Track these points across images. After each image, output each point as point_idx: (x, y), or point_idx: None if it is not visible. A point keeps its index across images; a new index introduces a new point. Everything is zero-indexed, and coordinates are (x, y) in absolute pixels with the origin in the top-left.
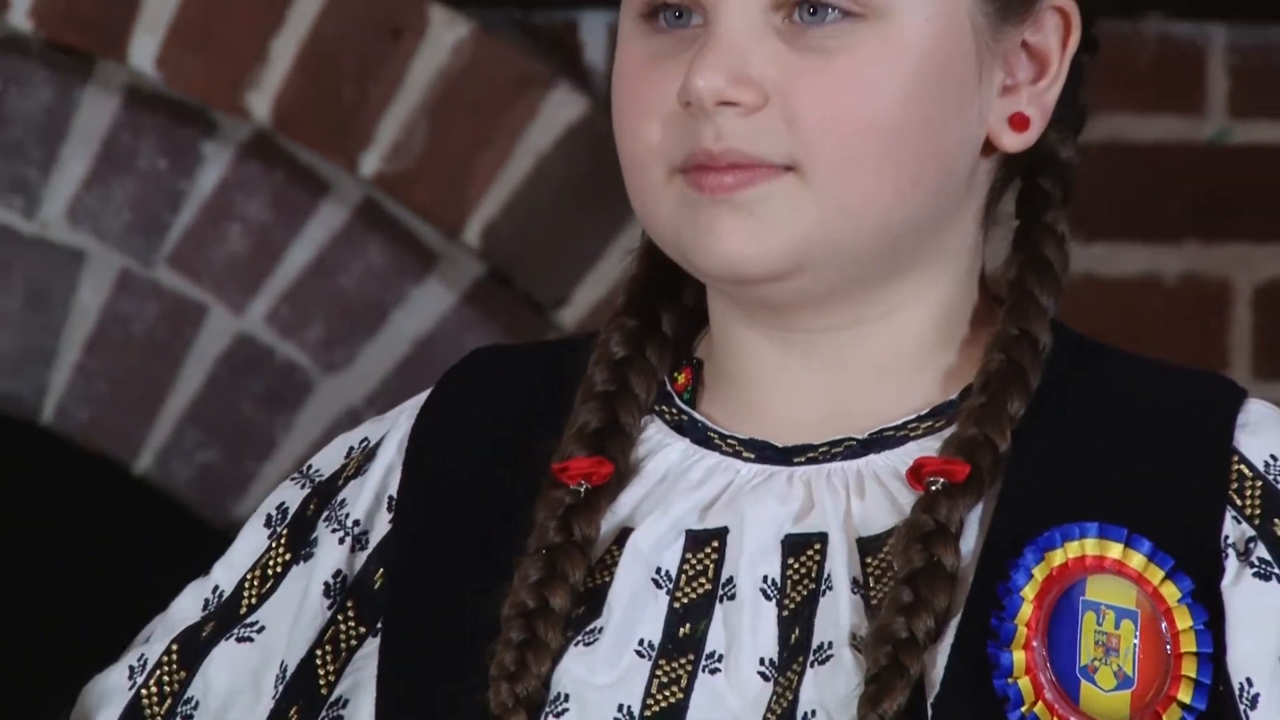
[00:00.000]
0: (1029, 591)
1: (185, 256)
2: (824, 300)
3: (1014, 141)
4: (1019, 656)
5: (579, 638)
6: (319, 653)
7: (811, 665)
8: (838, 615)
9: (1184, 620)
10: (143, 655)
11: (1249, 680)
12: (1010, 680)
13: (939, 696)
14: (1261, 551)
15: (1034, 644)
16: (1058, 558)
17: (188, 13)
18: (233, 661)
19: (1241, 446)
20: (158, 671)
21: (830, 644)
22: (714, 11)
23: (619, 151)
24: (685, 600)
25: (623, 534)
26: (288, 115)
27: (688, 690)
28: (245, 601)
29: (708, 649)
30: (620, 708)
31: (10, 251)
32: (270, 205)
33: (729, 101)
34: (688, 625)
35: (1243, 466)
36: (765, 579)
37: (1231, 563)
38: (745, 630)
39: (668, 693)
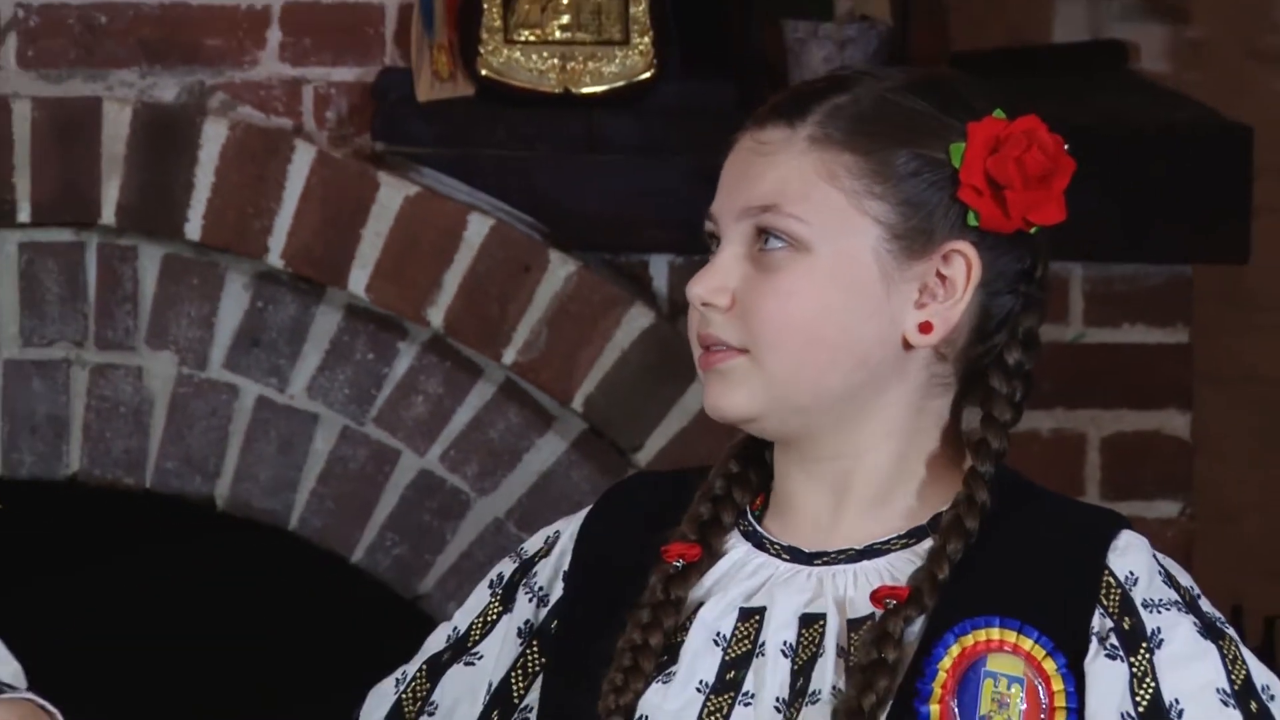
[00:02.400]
0: (945, 664)
1: (386, 417)
2: (802, 438)
3: (919, 340)
4: (934, 709)
5: (660, 676)
6: (513, 675)
7: (807, 704)
8: (826, 672)
9: (1058, 684)
10: (404, 670)
11: None
12: None
13: None
14: (1113, 639)
15: (947, 700)
16: (969, 640)
17: (386, 255)
18: (460, 679)
19: (1111, 564)
20: (412, 683)
21: (819, 691)
22: (721, 242)
23: None
24: (732, 656)
25: (697, 607)
26: (454, 324)
27: (727, 716)
28: (472, 638)
29: (744, 689)
30: None
31: (269, 414)
32: (442, 383)
33: (709, 304)
34: (732, 672)
35: (1110, 578)
36: (785, 643)
37: (1094, 646)
38: (768, 678)
39: (714, 718)
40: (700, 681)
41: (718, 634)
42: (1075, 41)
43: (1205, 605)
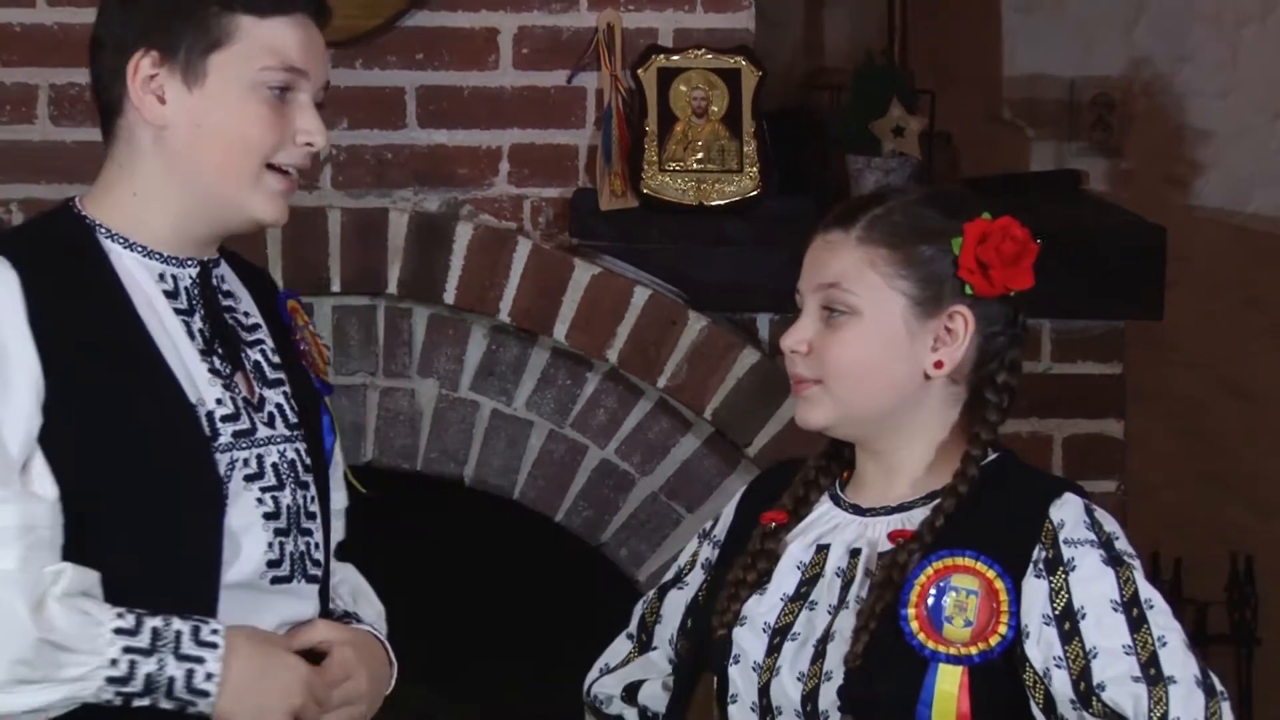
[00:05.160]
0: (920, 580)
1: (578, 423)
2: (862, 438)
3: (935, 373)
4: (911, 611)
5: (755, 592)
6: (699, 593)
7: (843, 609)
8: (857, 587)
9: (1003, 596)
10: (649, 593)
11: (1026, 626)
12: (907, 622)
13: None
14: (1041, 565)
15: (920, 605)
16: (939, 565)
17: (579, 314)
18: (676, 597)
19: (1050, 514)
20: (650, 600)
21: (852, 600)
22: (803, 308)
23: None
24: (807, 576)
25: (788, 547)
26: (625, 360)
27: (796, 616)
28: (683, 571)
29: (810, 599)
30: (765, 624)
31: (499, 421)
32: (616, 400)
33: (795, 350)
34: (805, 588)
35: (1049, 524)
36: (838, 568)
37: (1030, 569)
38: (825, 591)
39: (789, 617)
40: (783, 593)
41: (800, 562)
42: (1046, 170)
43: (1119, 545)
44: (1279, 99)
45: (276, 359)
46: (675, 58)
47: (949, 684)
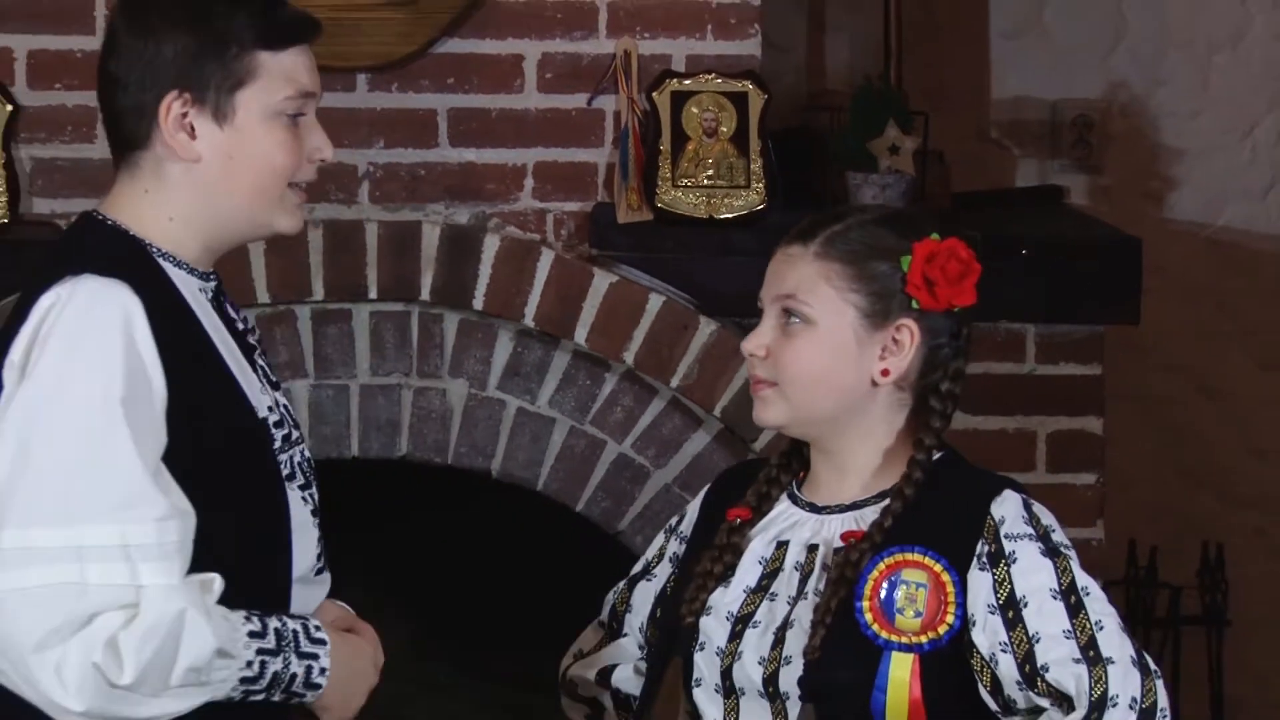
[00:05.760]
0: (873, 575)
1: (597, 420)
2: (816, 438)
3: (881, 380)
4: (865, 604)
5: (721, 585)
6: (668, 585)
7: (802, 600)
8: (815, 580)
9: (950, 589)
10: (619, 585)
11: (973, 615)
12: (862, 614)
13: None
14: (984, 558)
15: (874, 598)
16: (890, 560)
17: (598, 319)
18: (645, 589)
19: (992, 510)
20: (621, 591)
21: (810, 593)
22: (763, 315)
23: None
24: (768, 570)
25: (753, 540)
26: (640, 362)
27: (757, 606)
28: (650, 564)
29: (771, 590)
30: (728, 613)
31: (524, 418)
32: (632, 399)
33: (753, 354)
34: (766, 580)
35: (990, 520)
36: (796, 563)
37: (974, 563)
38: (784, 584)
39: (750, 607)
40: (745, 585)
41: (761, 557)
42: (1031, 186)
43: (1055, 537)
44: (1247, 120)
45: (269, 362)
46: (687, 82)
47: (901, 670)
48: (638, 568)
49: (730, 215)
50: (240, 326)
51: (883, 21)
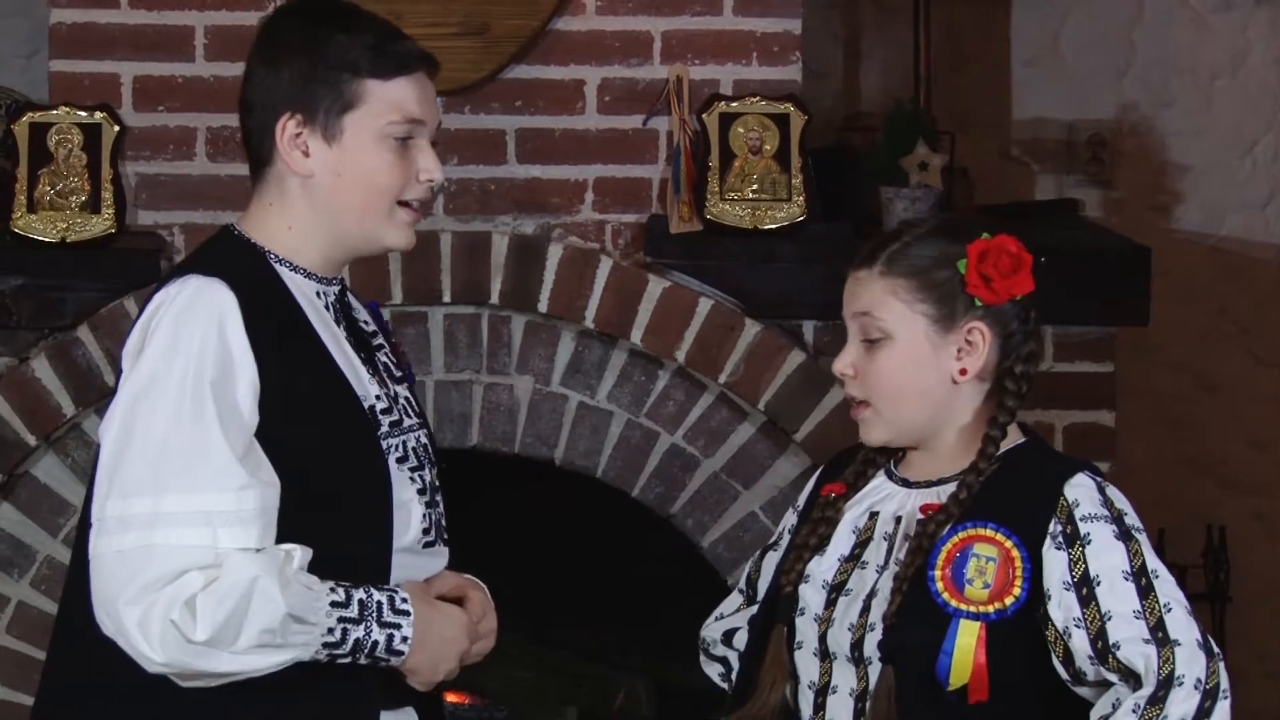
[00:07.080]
0: (947, 547)
1: (652, 413)
2: (918, 444)
3: (960, 379)
4: (938, 573)
5: (816, 554)
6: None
7: (888, 568)
8: (897, 550)
9: (1019, 564)
10: (755, 555)
11: (1048, 590)
12: (934, 581)
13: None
14: (1060, 538)
15: (945, 568)
16: (963, 535)
17: (653, 321)
18: (772, 558)
19: (1065, 492)
20: (753, 561)
21: (893, 562)
22: (849, 334)
23: None
24: (860, 540)
25: (845, 514)
26: (691, 360)
27: (850, 575)
28: (781, 534)
29: (862, 559)
30: (824, 582)
31: (585, 411)
32: (684, 394)
33: (844, 374)
34: (858, 549)
35: (1064, 500)
36: (885, 533)
37: (1048, 541)
38: (874, 553)
39: (843, 575)
40: (840, 554)
41: (855, 527)
42: (1048, 199)
43: (1128, 520)
44: (1246, 138)
45: (394, 359)
46: (734, 104)
47: (968, 637)
48: (772, 539)
49: (773, 226)
50: (365, 326)
51: (913, 50)
